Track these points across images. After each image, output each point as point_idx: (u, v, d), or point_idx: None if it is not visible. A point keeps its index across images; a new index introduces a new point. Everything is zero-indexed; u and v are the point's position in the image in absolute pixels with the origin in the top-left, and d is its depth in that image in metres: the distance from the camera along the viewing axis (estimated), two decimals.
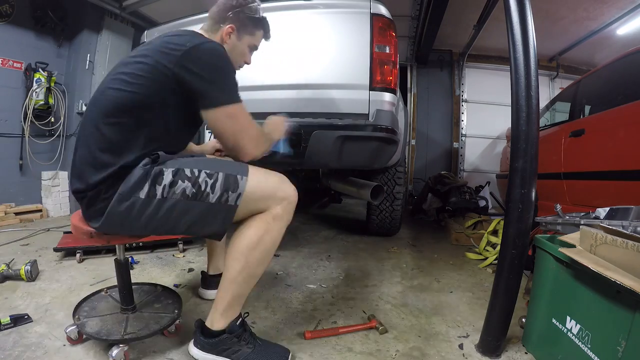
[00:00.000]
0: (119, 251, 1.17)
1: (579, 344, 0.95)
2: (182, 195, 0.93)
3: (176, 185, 0.92)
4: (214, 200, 0.94)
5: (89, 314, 1.19)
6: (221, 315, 1.03)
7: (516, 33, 1.06)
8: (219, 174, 0.96)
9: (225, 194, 0.95)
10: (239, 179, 0.97)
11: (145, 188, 0.91)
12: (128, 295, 1.20)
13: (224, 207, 0.95)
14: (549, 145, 2.66)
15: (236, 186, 0.96)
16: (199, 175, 0.95)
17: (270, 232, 1.00)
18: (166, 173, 0.93)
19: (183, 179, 0.93)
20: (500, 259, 1.12)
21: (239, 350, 1.03)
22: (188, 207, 0.94)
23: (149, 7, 3.51)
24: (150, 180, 0.91)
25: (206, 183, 0.94)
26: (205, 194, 0.94)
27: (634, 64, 2.05)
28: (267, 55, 1.80)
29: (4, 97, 2.99)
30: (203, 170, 0.95)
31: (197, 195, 0.93)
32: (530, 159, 1.04)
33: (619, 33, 4.00)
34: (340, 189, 2.38)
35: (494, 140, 5.32)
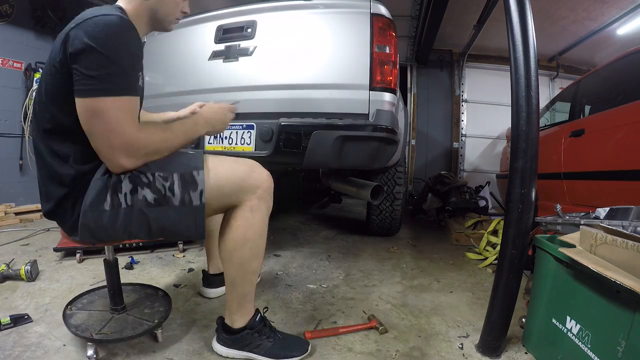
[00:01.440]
0: (108, 251, 1.16)
1: (579, 344, 0.95)
2: (145, 203, 0.87)
3: (137, 192, 0.86)
4: (178, 202, 0.88)
5: (83, 306, 1.23)
6: (237, 315, 1.06)
7: (516, 33, 1.06)
8: (173, 175, 0.89)
9: (187, 194, 0.89)
10: (195, 175, 0.89)
11: (107, 199, 0.85)
12: (116, 295, 1.19)
13: (191, 209, 0.89)
14: (549, 145, 2.66)
15: (194, 184, 0.89)
16: (154, 179, 0.88)
17: (253, 227, 0.97)
18: (124, 181, 0.86)
19: (141, 186, 0.86)
20: (500, 259, 1.12)
21: (261, 345, 1.06)
22: (156, 213, 0.88)
23: None
24: (110, 190, 0.85)
25: (164, 187, 0.88)
26: (166, 198, 0.88)
27: (634, 64, 2.05)
28: (267, 55, 1.81)
29: (4, 97, 3.00)
30: (156, 172, 0.88)
31: (160, 201, 0.88)
32: (530, 159, 1.04)
33: (619, 33, 4.00)
34: (340, 189, 2.38)
35: (494, 140, 5.32)
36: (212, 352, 1.10)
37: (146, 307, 1.26)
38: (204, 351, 1.12)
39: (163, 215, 0.88)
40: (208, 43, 1.92)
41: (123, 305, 1.20)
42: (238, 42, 1.85)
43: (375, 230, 2.70)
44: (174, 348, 1.13)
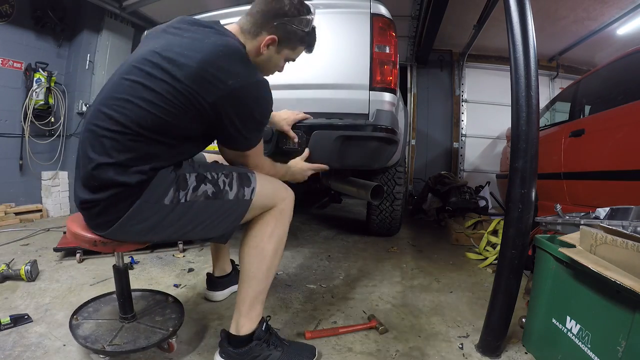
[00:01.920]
0: (118, 258, 1.12)
1: (579, 344, 0.95)
2: (204, 197, 0.94)
3: (199, 189, 0.94)
4: (232, 196, 0.98)
5: (90, 315, 1.17)
6: (246, 318, 1.01)
7: (516, 33, 1.06)
8: (233, 173, 1.00)
9: (242, 189, 0.99)
10: (250, 175, 1.02)
11: (169, 194, 0.90)
12: (126, 303, 1.14)
13: (240, 202, 0.99)
14: (549, 145, 2.66)
15: (249, 182, 1.00)
16: (218, 177, 0.97)
17: (280, 225, 1.06)
18: (190, 178, 0.94)
19: (205, 182, 0.95)
20: (500, 259, 1.12)
21: (270, 355, 1.02)
22: (207, 206, 0.95)
23: (149, 7, 3.51)
24: (175, 187, 0.90)
25: (224, 182, 0.97)
26: (224, 192, 0.97)
27: (634, 64, 2.05)
28: None
29: (4, 97, 2.99)
30: (220, 172, 0.99)
31: (217, 194, 0.96)
32: (530, 159, 1.04)
33: (619, 33, 3.99)
34: (340, 189, 2.38)
35: (494, 140, 5.32)
36: (212, 353, 1.09)
37: (157, 315, 1.21)
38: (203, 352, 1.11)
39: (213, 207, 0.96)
40: None
41: (133, 314, 1.16)
42: None
43: (375, 230, 2.69)
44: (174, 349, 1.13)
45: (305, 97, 1.77)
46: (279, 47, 1.05)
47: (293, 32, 1.04)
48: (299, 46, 1.11)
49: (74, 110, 3.38)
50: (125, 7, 3.48)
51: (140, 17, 3.74)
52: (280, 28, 1.01)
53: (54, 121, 3.25)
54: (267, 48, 1.03)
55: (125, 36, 3.71)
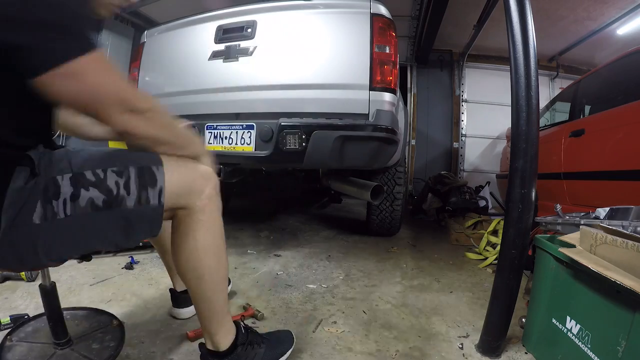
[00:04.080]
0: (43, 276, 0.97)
1: (579, 344, 0.95)
2: (91, 208, 0.70)
3: (79, 196, 0.69)
4: (133, 203, 0.73)
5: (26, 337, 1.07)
6: (220, 336, 0.92)
7: (516, 33, 1.06)
8: (129, 170, 0.74)
9: (144, 192, 0.74)
10: (155, 170, 0.76)
11: (38, 209, 0.66)
12: (57, 326, 1.00)
13: (148, 210, 0.75)
14: (549, 145, 2.66)
15: (154, 180, 0.75)
16: (105, 176, 0.72)
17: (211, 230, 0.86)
18: (62, 182, 0.68)
19: (87, 186, 0.70)
20: (500, 259, 1.12)
21: (255, 355, 0.98)
22: (102, 219, 0.72)
23: (149, 7, 3.52)
24: (41, 198, 0.66)
25: (117, 185, 0.72)
26: (120, 199, 0.72)
27: (634, 64, 2.05)
28: (267, 55, 1.81)
29: None
30: (109, 169, 0.73)
31: (110, 203, 0.72)
32: (530, 159, 1.04)
33: (619, 33, 4.00)
34: (340, 189, 2.38)
35: (494, 140, 5.32)
36: None
37: (95, 341, 1.07)
38: None
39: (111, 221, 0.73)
40: (208, 43, 1.93)
41: (67, 339, 1.02)
42: (238, 42, 1.85)
43: (375, 230, 2.70)
44: (174, 348, 1.13)
45: (305, 97, 1.77)
46: None
47: None
48: None
49: None
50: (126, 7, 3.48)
51: (140, 17, 3.75)
52: None
53: None
54: None
55: (125, 36, 3.71)
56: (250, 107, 1.85)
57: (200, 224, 0.83)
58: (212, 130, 1.90)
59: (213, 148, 1.90)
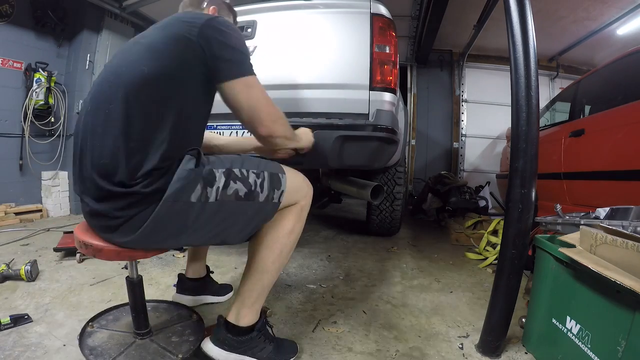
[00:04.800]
0: (131, 269, 1.03)
1: (579, 344, 0.95)
2: (234, 197, 0.89)
3: (229, 186, 0.88)
4: (263, 199, 0.94)
5: (107, 324, 1.13)
6: (250, 309, 1.00)
7: (516, 33, 1.06)
8: (264, 173, 0.96)
9: (272, 192, 0.96)
10: (280, 177, 0.99)
11: (197, 190, 0.83)
12: (140, 317, 1.06)
13: (269, 205, 0.96)
14: (549, 145, 2.66)
15: (279, 184, 0.98)
16: (248, 175, 0.93)
17: (300, 222, 1.05)
18: (218, 174, 0.88)
19: (235, 180, 0.90)
20: (500, 259, 1.12)
21: (264, 348, 1.03)
22: (238, 207, 0.91)
23: (149, 7, 3.51)
24: (202, 182, 0.84)
25: (255, 183, 0.93)
26: (255, 194, 0.93)
27: (634, 64, 2.05)
28: (267, 55, 1.81)
29: (4, 97, 2.99)
30: (250, 170, 0.94)
31: (249, 196, 0.92)
32: (530, 159, 1.04)
33: (619, 33, 3.99)
34: (340, 189, 2.38)
35: (494, 140, 5.32)
36: None
37: (175, 334, 1.12)
38: None
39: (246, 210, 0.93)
40: None
41: (148, 330, 1.07)
42: None
43: (375, 230, 2.69)
44: None
45: (305, 97, 1.77)
46: None
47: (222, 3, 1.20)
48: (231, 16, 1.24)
49: (74, 110, 3.38)
50: (125, 7, 3.48)
51: (140, 17, 3.74)
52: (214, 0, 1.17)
53: (54, 121, 3.25)
54: None
55: (125, 36, 3.70)
56: None
57: (297, 215, 1.03)
58: (212, 130, 1.89)
59: None
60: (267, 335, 1.05)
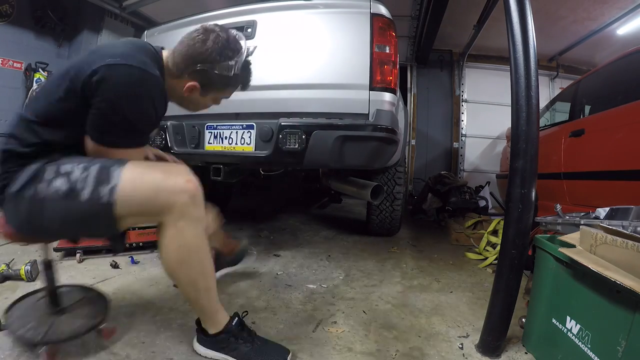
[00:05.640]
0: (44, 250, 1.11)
1: (579, 344, 0.95)
2: (56, 194, 0.82)
3: (52, 183, 0.83)
4: (86, 197, 0.82)
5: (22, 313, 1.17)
6: (208, 324, 1.05)
7: (516, 33, 1.06)
8: (92, 167, 0.84)
9: (97, 189, 0.82)
10: (112, 170, 0.84)
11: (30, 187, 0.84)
12: (54, 297, 1.15)
13: (99, 207, 0.82)
14: (549, 145, 2.66)
15: (108, 178, 0.82)
16: (73, 170, 0.83)
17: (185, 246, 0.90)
18: (48, 170, 0.84)
19: (59, 175, 0.83)
20: (500, 259, 1.12)
21: (237, 348, 1.04)
22: (62, 207, 0.83)
23: (149, 7, 3.51)
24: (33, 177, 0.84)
25: (77, 178, 0.83)
26: (76, 191, 0.82)
27: (634, 64, 2.05)
28: (267, 55, 1.81)
29: (4, 97, 3.00)
30: (80, 164, 0.85)
31: (69, 193, 0.82)
32: (530, 159, 1.04)
33: (619, 33, 4.00)
34: (340, 189, 2.39)
35: (494, 140, 5.32)
36: None
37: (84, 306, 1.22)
38: None
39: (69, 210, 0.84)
40: None
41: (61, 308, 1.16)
42: None
43: (375, 230, 2.70)
44: (174, 348, 1.13)
45: (305, 97, 1.77)
46: (202, 91, 1.02)
47: (216, 78, 0.99)
48: (227, 88, 1.07)
49: None
50: (125, 7, 3.48)
51: (140, 17, 3.74)
52: (201, 74, 0.98)
53: None
54: (191, 92, 1.01)
55: (125, 36, 3.70)
56: (250, 107, 1.85)
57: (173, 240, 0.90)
58: (212, 130, 1.90)
59: (213, 148, 1.90)
60: (241, 337, 1.05)
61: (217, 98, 1.10)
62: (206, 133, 1.91)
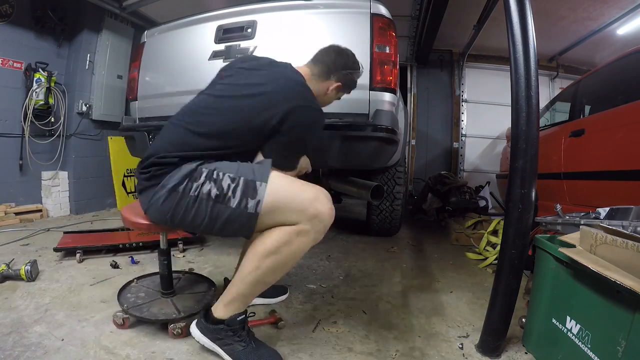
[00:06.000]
0: (162, 239, 1.30)
1: (579, 344, 0.95)
2: (207, 196, 0.97)
3: (204, 185, 0.98)
4: (235, 204, 0.97)
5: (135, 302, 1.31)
6: (224, 306, 1.06)
7: (516, 33, 1.06)
8: (240, 179, 0.98)
9: (244, 200, 0.96)
10: (257, 185, 0.97)
11: (184, 183, 0.98)
12: (168, 280, 1.34)
13: (245, 214, 0.97)
14: (549, 145, 2.66)
15: (255, 193, 0.97)
16: (223, 178, 0.98)
17: (291, 246, 0.98)
18: (203, 173, 0.99)
19: (210, 180, 0.98)
20: (500, 259, 1.12)
21: (231, 345, 1.05)
22: (214, 208, 0.98)
23: (149, 7, 3.51)
24: (189, 177, 0.99)
25: (229, 187, 0.97)
26: (227, 198, 0.97)
27: (634, 64, 2.05)
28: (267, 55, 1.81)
29: (4, 97, 2.99)
30: (227, 173, 0.99)
31: (220, 198, 0.97)
32: (530, 159, 1.04)
33: (619, 33, 4.00)
34: (340, 189, 2.38)
35: (494, 140, 5.32)
36: (212, 353, 1.10)
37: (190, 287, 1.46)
38: (201, 351, 1.12)
39: (220, 211, 0.98)
40: (208, 43, 1.93)
41: (173, 290, 1.36)
42: (238, 42, 1.85)
43: (375, 230, 2.69)
44: (174, 348, 1.13)
45: None
46: (340, 91, 1.31)
47: (352, 81, 1.32)
48: (351, 90, 1.36)
49: (73, 110, 3.38)
50: (125, 7, 3.48)
51: (140, 17, 3.74)
52: (345, 77, 1.28)
53: (54, 121, 3.25)
54: (333, 91, 1.28)
55: (125, 36, 3.70)
56: None
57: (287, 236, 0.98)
58: None
59: None
60: (238, 335, 1.05)
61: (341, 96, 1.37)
62: None
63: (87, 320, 1.28)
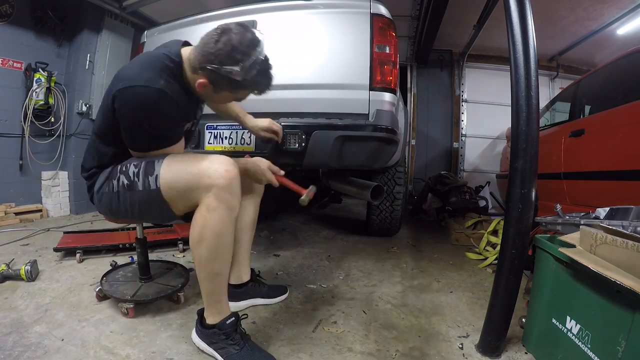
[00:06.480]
0: (139, 229, 1.45)
1: (579, 344, 0.95)
2: (123, 188, 1.06)
3: (119, 179, 1.07)
4: (141, 187, 1.03)
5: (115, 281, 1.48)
6: (208, 312, 1.08)
7: (516, 33, 1.06)
8: (142, 163, 1.05)
9: (146, 179, 1.02)
10: (155, 162, 1.03)
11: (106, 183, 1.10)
12: (144, 267, 1.47)
13: (149, 192, 1.02)
14: (549, 145, 2.66)
15: (152, 170, 1.02)
16: (129, 167, 1.06)
17: (208, 226, 0.96)
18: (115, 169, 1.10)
19: (121, 173, 1.07)
20: (500, 259, 1.12)
21: (225, 348, 1.05)
22: (129, 197, 1.06)
23: (149, 7, 3.51)
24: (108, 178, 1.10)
25: (134, 173, 1.04)
26: (134, 183, 1.04)
27: (634, 64, 2.05)
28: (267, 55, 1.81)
29: (4, 97, 2.99)
30: (132, 162, 1.07)
31: (130, 186, 1.05)
32: (530, 159, 1.04)
33: (619, 33, 4.00)
34: (340, 189, 2.38)
35: (494, 140, 5.32)
36: None
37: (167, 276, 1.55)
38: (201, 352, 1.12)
39: (134, 199, 1.06)
40: None
41: (149, 276, 1.49)
42: None
43: (375, 230, 2.70)
44: (174, 348, 1.13)
45: (305, 97, 1.77)
46: (215, 89, 1.04)
47: (225, 78, 0.99)
48: (238, 90, 1.05)
49: (74, 110, 3.38)
50: (125, 7, 3.48)
51: (140, 17, 3.74)
52: (211, 73, 0.99)
53: (54, 121, 3.25)
54: (204, 89, 1.04)
55: (125, 36, 3.70)
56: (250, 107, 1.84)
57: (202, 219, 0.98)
58: (212, 130, 1.90)
59: (213, 148, 1.90)
60: (232, 338, 1.05)
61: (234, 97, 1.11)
62: (206, 133, 1.91)
63: (87, 320, 1.28)
